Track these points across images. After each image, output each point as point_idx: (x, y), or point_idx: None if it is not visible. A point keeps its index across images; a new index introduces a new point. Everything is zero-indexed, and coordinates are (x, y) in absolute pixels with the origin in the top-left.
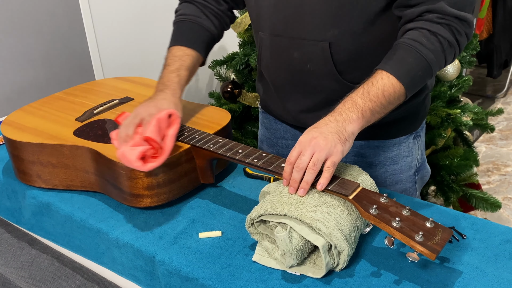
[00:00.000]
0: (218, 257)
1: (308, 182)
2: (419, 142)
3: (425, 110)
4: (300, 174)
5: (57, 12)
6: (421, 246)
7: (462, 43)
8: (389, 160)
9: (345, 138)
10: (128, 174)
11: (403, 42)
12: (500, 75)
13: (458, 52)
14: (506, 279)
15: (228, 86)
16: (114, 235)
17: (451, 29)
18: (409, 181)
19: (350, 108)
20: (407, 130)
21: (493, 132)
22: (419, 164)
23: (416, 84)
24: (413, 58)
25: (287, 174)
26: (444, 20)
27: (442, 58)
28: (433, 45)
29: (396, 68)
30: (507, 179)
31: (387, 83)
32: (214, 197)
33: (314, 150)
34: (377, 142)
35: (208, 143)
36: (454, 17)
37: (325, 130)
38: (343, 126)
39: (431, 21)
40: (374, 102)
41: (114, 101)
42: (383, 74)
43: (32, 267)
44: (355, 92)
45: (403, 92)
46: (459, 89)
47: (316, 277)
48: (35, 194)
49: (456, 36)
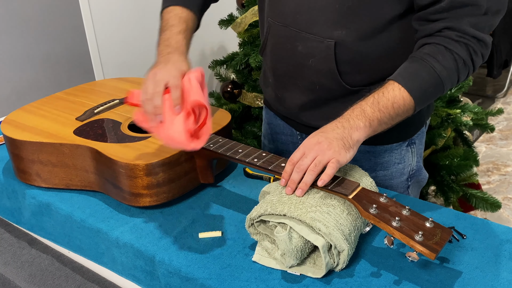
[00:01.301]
0: (218, 257)
1: (307, 183)
2: (413, 149)
3: (422, 119)
4: (300, 175)
5: (57, 12)
6: (421, 245)
7: (477, 63)
8: (379, 165)
9: (349, 145)
10: (127, 173)
11: (419, 56)
12: (500, 75)
13: (471, 72)
14: (506, 279)
15: (228, 86)
16: (114, 235)
17: (468, 48)
18: (401, 187)
19: (358, 116)
20: (399, 137)
21: (493, 132)
22: (413, 171)
23: (427, 99)
24: (426, 73)
25: (286, 174)
26: (462, 38)
27: (455, 76)
28: (448, 63)
29: (408, 81)
30: (507, 179)
31: (397, 95)
32: (214, 197)
33: (317, 153)
34: (368, 147)
35: (208, 142)
36: (473, 37)
37: (331, 136)
38: (349, 133)
39: (449, 38)
40: (383, 113)
41: (115, 101)
42: (394, 86)
43: (32, 267)
44: (365, 100)
45: (412, 106)
46: (459, 89)
47: (316, 277)
48: (35, 194)
49: (472, 56)
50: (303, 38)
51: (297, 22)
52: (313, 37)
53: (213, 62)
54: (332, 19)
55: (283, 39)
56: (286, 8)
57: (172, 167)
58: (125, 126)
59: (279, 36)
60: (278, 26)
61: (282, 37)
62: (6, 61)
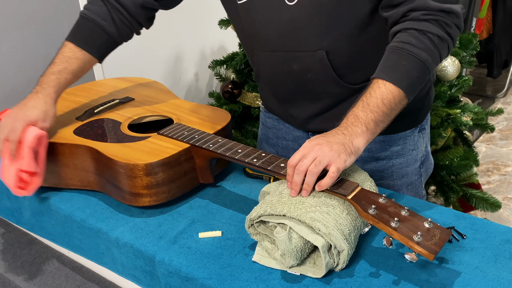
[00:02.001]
0: (218, 257)
1: (309, 184)
2: (423, 135)
3: (429, 102)
4: (301, 177)
5: (57, 12)
6: (419, 246)
7: (454, 35)
8: (395, 154)
9: (350, 151)
10: (127, 173)
11: (393, 47)
12: (500, 75)
13: (451, 45)
14: (506, 279)
15: (228, 86)
16: (114, 235)
17: (439, 23)
18: (415, 173)
19: (353, 123)
20: (412, 124)
21: (493, 132)
22: (423, 157)
23: (415, 85)
24: (406, 61)
25: (290, 177)
26: (430, 16)
27: (436, 54)
28: (424, 44)
29: (391, 74)
30: (507, 179)
31: (384, 91)
32: (214, 197)
33: (317, 155)
34: (383, 137)
35: (208, 142)
36: (440, 10)
37: (332, 140)
38: (350, 140)
39: (417, 20)
40: (376, 113)
41: (115, 100)
42: (379, 83)
43: (32, 267)
44: (356, 106)
45: (403, 96)
46: (459, 89)
47: (316, 277)
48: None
49: (446, 29)
50: (295, 57)
51: (285, 45)
52: (304, 53)
53: (213, 62)
54: (316, 32)
55: (276, 64)
56: (270, 36)
57: (172, 167)
58: (125, 126)
59: (271, 62)
60: (268, 54)
61: (275, 62)
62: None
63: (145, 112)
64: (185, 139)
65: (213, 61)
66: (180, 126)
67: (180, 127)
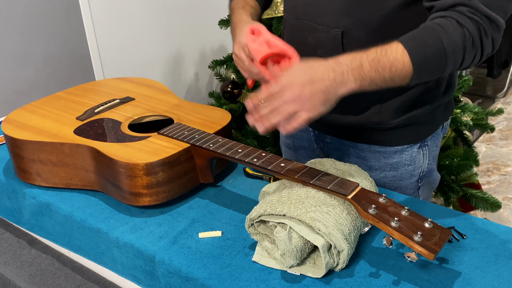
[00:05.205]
0: (218, 257)
1: (271, 123)
2: (425, 151)
3: (435, 121)
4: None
5: (57, 12)
6: (420, 246)
7: (486, 47)
8: (389, 166)
9: (329, 99)
10: (127, 173)
11: (429, 25)
12: (500, 75)
13: (478, 56)
14: (506, 279)
15: (228, 86)
16: (114, 235)
17: (478, 27)
18: (410, 188)
19: (354, 70)
20: (410, 139)
21: (493, 132)
22: (423, 172)
23: (426, 70)
24: (432, 42)
25: (258, 98)
26: (474, 16)
27: (461, 54)
28: (456, 37)
29: (412, 46)
30: (507, 179)
31: (399, 57)
32: (214, 197)
33: (294, 99)
34: (378, 148)
35: (208, 142)
36: (485, 15)
37: (316, 87)
38: (336, 88)
39: (462, 14)
40: (379, 73)
41: (115, 100)
42: (398, 47)
43: (32, 267)
44: (366, 53)
45: (410, 74)
46: (459, 89)
47: (316, 277)
48: (35, 194)
49: (481, 36)
50: (312, 29)
51: (307, 14)
52: (321, 27)
53: (213, 62)
54: (339, 9)
55: (295, 32)
56: (297, 1)
57: (172, 167)
58: (125, 125)
59: (292, 30)
60: (292, 20)
61: (295, 30)
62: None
63: (145, 112)
64: (185, 139)
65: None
66: (180, 126)
67: (180, 127)
